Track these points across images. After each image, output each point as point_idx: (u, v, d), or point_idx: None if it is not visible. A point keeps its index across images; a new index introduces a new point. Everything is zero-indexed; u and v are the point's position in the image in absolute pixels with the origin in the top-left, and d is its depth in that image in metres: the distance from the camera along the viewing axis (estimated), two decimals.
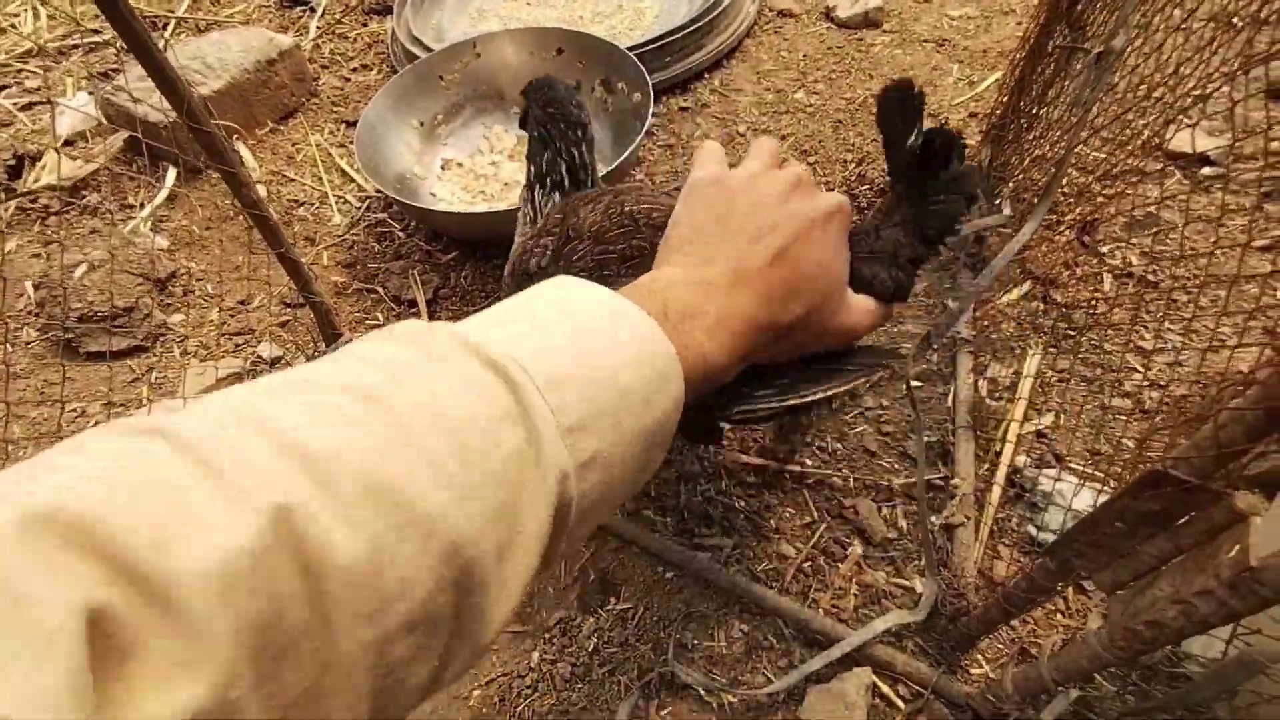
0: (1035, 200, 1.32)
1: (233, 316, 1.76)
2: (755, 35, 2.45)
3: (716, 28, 2.29)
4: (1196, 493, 0.59)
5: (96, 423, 1.52)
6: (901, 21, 2.44)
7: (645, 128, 1.73)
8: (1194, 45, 0.95)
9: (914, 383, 1.47)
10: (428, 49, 2.29)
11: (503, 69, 2.09)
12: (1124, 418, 1.32)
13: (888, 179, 0.92)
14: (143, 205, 2.00)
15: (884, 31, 2.39)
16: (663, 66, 2.18)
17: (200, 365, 1.62)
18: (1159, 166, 1.62)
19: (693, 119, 2.15)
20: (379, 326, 1.66)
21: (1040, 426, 1.33)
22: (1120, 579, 0.72)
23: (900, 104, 0.80)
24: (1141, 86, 1.11)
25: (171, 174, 2.07)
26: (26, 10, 2.71)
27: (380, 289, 1.76)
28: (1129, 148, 1.26)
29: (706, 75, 2.28)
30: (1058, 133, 1.34)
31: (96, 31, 2.68)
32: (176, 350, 1.68)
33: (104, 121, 2.14)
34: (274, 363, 1.64)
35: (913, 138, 0.81)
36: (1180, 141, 1.67)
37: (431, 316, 1.70)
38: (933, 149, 0.80)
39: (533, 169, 1.11)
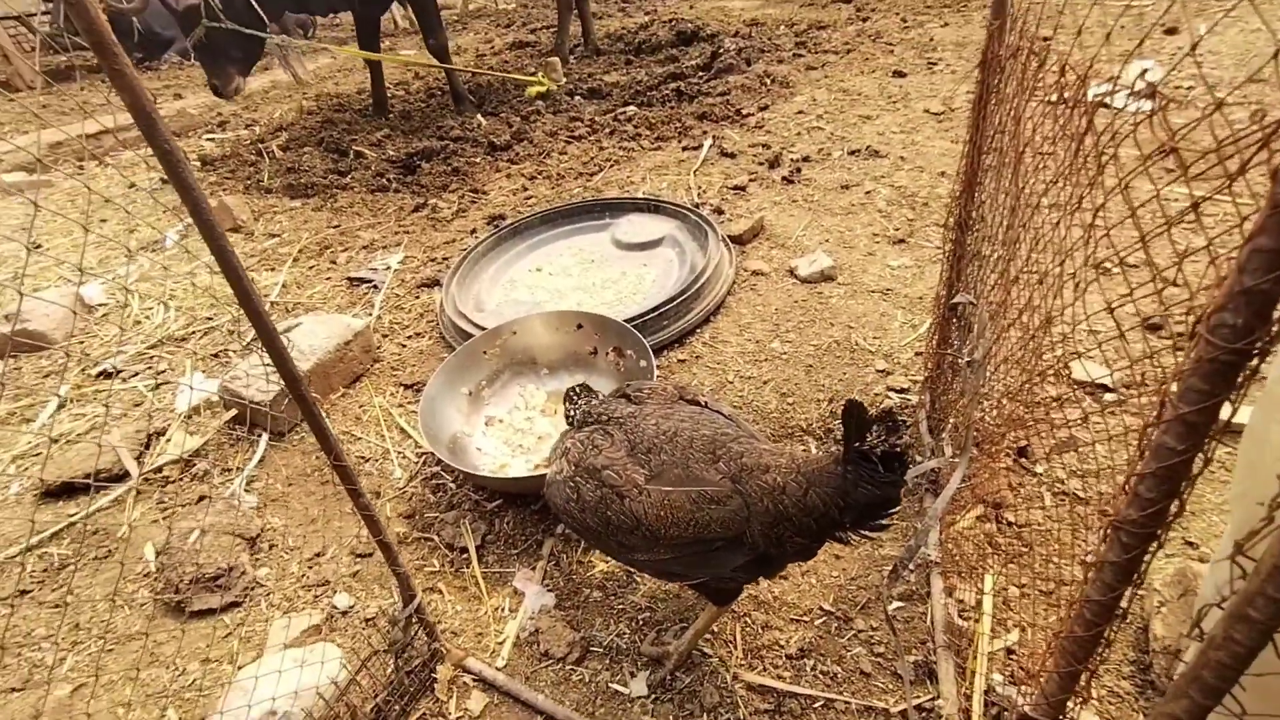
0: (966, 441, 1.67)
1: (310, 569, 2.06)
2: (735, 293, 3.04)
3: (703, 293, 2.87)
4: None
5: (194, 680, 1.75)
6: (852, 274, 3.04)
7: None
8: (1079, 290, 1.29)
9: (898, 603, 1.71)
10: (470, 319, 2.87)
11: (535, 342, 2.62)
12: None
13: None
14: (240, 469, 2.41)
15: (838, 284, 2.98)
16: (661, 328, 2.72)
17: (282, 619, 1.89)
18: (1069, 392, 2.01)
19: (689, 369, 2.63)
20: (436, 573, 1.96)
21: (1009, 643, 1.55)
22: None
23: (858, 418, 1.20)
24: (1040, 328, 1.50)
25: (264, 440, 2.51)
26: (158, 305, 3.40)
27: (436, 537, 2.08)
28: (1045, 375, 1.63)
29: (698, 331, 2.82)
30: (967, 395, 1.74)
31: (209, 319, 3.34)
32: (263, 603, 1.96)
33: (215, 399, 2.64)
34: (346, 612, 1.91)
35: (863, 442, 1.20)
36: (1082, 372, 2.09)
37: (479, 560, 2.00)
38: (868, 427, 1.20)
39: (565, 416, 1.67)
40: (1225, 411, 0.61)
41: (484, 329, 2.70)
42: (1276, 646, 0.60)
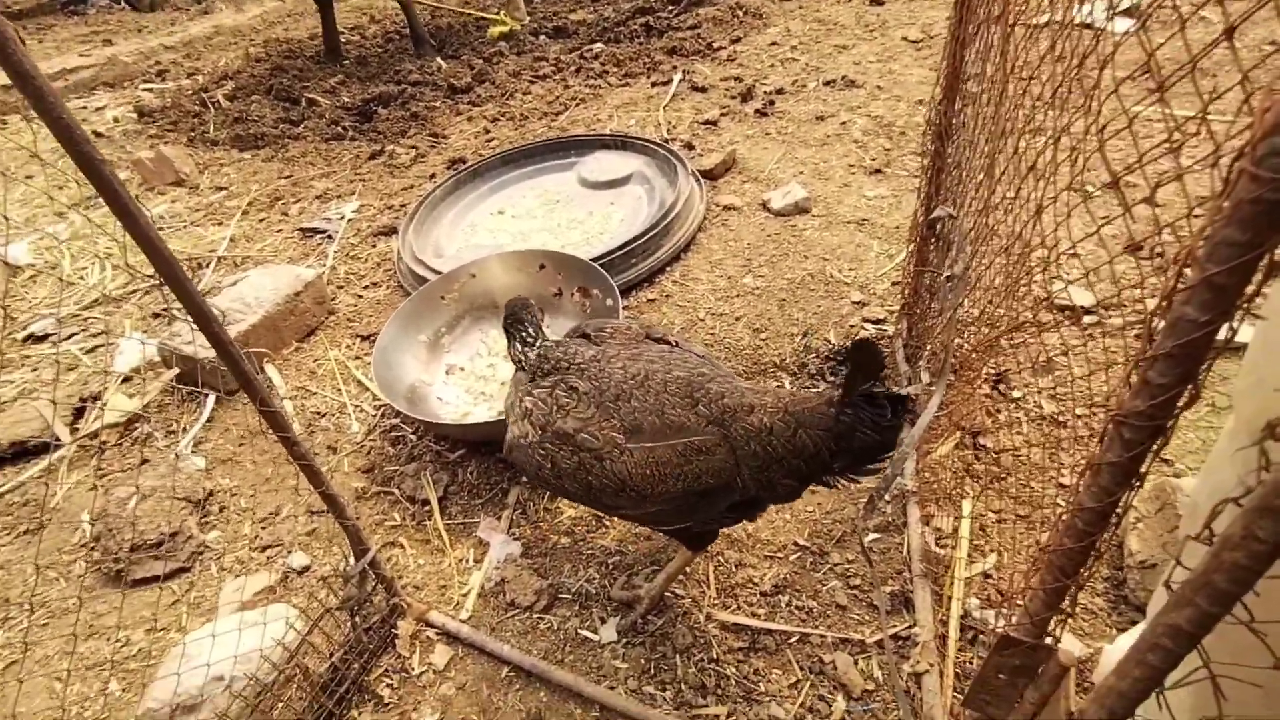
0: (944, 366, 1.59)
1: (264, 529, 1.95)
2: (706, 229, 2.90)
3: (672, 230, 2.73)
4: (1037, 649, 0.77)
5: (140, 650, 1.65)
6: (827, 206, 2.90)
7: None
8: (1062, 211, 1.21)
9: (874, 535, 1.65)
10: (428, 266, 2.71)
11: (495, 285, 2.47)
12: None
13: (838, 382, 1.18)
14: (185, 430, 2.27)
15: (813, 216, 2.85)
16: (629, 267, 2.58)
17: (235, 581, 1.79)
18: (1050, 319, 1.93)
19: (659, 308, 2.51)
20: (397, 527, 1.87)
21: (986, 568, 1.50)
22: None
23: (870, 358, 1.10)
24: (1025, 246, 1.40)
25: (211, 400, 2.37)
26: (94, 263, 3.18)
27: (396, 490, 1.98)
28: (1024, 301, 1.54)
29: (668, 269, 2.69)
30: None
31: (152, 277, 3.13)
32: (214, 567, 1.85)
33: (158, 359, 2.47)
34: (303, 571, 1.81)
35: (871, 385, 1.11)
36: (1063, 296, 2.00)
37: (442, 513, 1.90)
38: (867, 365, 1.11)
39: (510, 358, 1.50)
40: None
41: (443, 274, 2.55)
42: None
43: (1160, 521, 1.42)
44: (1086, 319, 1.99)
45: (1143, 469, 0.66)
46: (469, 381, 2.29)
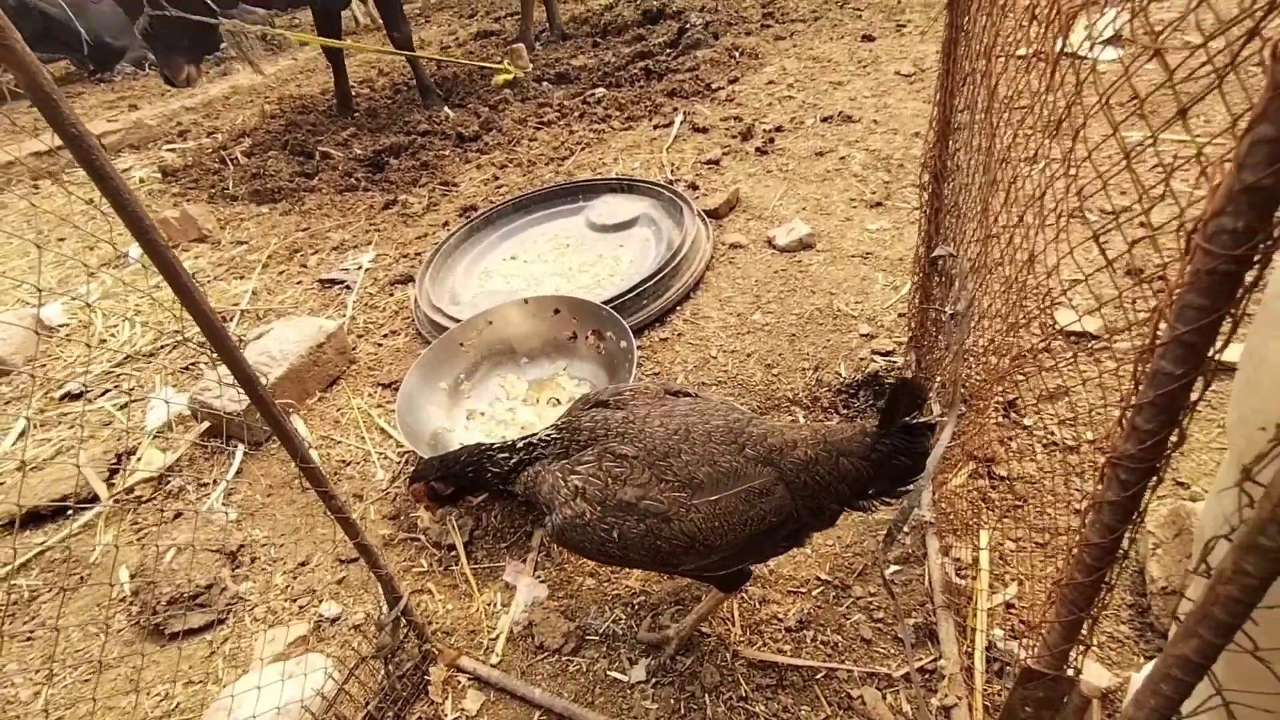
0: (954, 398, 1.64)
1: (295, 579, 2.00)
2: (714, 267, 2.98)
3: (681, 270, 2.81)
4: (1059, 681, 0.81)
5: (179, 705, 1.69)
6: (831, 241, 2.98)
7: (632, 369, 2.12)
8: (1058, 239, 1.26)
9: (894, 567, 1.68)
10: (446, 313, 2.79)
11: (512, 331, 2.55)
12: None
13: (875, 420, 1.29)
14: (216, 482, 2.34)
15: (817, 252, 2.93)
16: (640, 308, 2.65)
17: (270, 631, 1.83)
18: (1059, 345, 1.98)
19: (672, 347, 2.58)
20: (425, 573, 1.91)
21: (1007, 597, 1.52)
22: None
23: (910, 396, 1.20)
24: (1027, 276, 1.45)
25: (240, 452, 2.44)
26: (123, 322, 3.30)
27: (422, 536, 2.03)
28: (1030, 328, 1.58)
29: (678, 308, 2.76)
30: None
31: (178, 332, 3.24)
32: (248, 618, 1.90)
33: (187, 413, 2.55)
34: (335, 620, 1.85)
35: (912, 417, 1.21)
36: (1067, 321, 2.05)
37: (468, 557, 1.95)
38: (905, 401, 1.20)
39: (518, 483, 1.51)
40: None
41: (459, 320, 2.63)
42: None
43: (1179, 546, 1.45)
44: (1093, 344, 2.04)
45: (1142, 506, 0.70)
46: (489, 426, 2.35)
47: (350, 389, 2.74)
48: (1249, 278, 0.53)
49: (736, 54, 5.50)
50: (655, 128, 4.52)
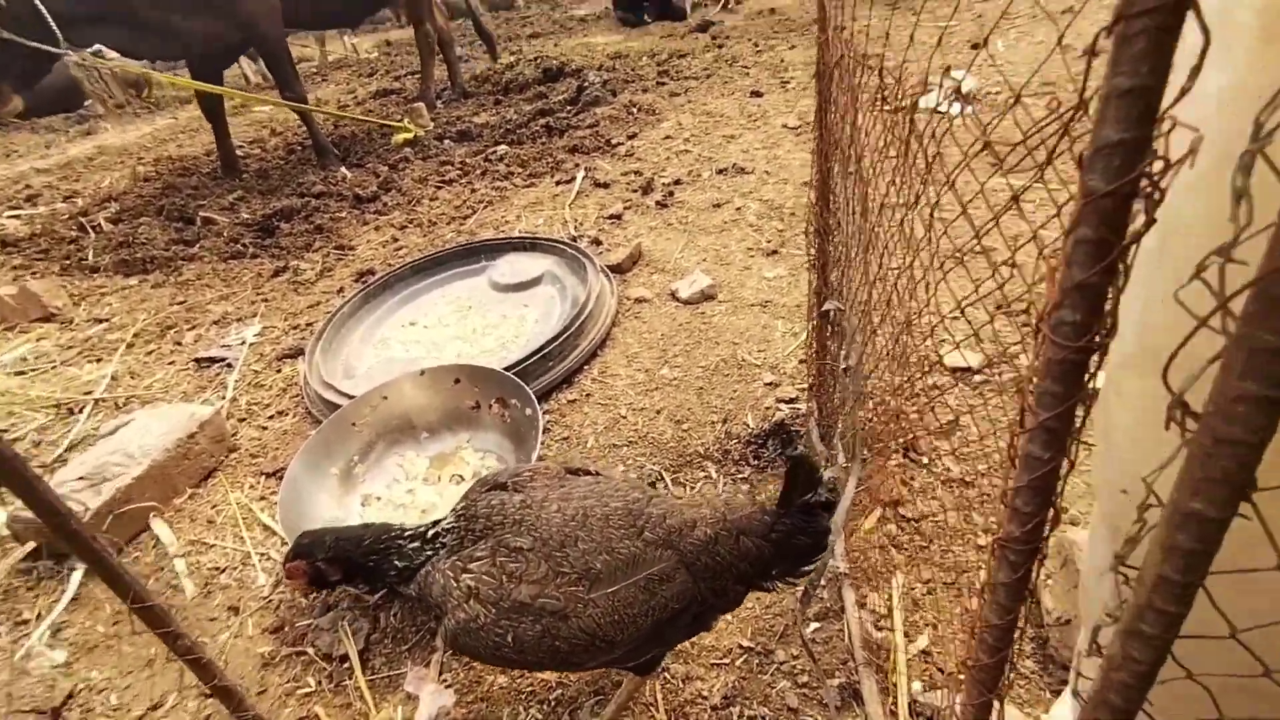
0: (854, 448, 1.65)
1: None
2: (620, 323, 2.96)
3: (586, 328, 2.77)
4: None
5: None
6: (731, 291, 3.04)
7: (539, 436, 2.02)
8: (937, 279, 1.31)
9: (814, 625, 1.64)
10: (337, 390, 2.60)
11: (409, 405, 2.39)
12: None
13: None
14: (41, 616, 1.99)
15: (719, 302, 2.97)
16: (545, 371, 2.58)
17: None
18: (944, 379, 2.06)
19: (580, 409, 2.50)
20: (312, 694, 1.69)
21: (924, 645, 1.51)
22: None
23: (807, 474, 1.18)
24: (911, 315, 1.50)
25: (78, 574, 2.10)
26: None
27: (310, 649, 1.80)
28: (915, 366, 1.64)
29: (585, 367, 2.70)
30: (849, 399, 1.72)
31: (5, 430, 2.84)
32: None
33: (5, 531, 2.18)
34: None
35: (809, 496, 1.19)
36: (953, 359, 2.15)
37: (364, 667, 1.74)
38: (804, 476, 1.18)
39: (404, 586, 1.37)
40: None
41: (353, 397, 2.45)
42: (1174, 658, 0.55)
43: (1066, 576, 1.49)
44: (975, 378, 2.15)
45: (1032, 583, 0.69)
46: (387, 511, 2.17)
47: (229, 481, 2.47)
48: (1092, 365, 0.53)
49: (634, 110, 5.67)
50: (557, 184, 4.54)
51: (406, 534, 1.38)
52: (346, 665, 1.75)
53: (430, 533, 1.35)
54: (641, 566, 1.22)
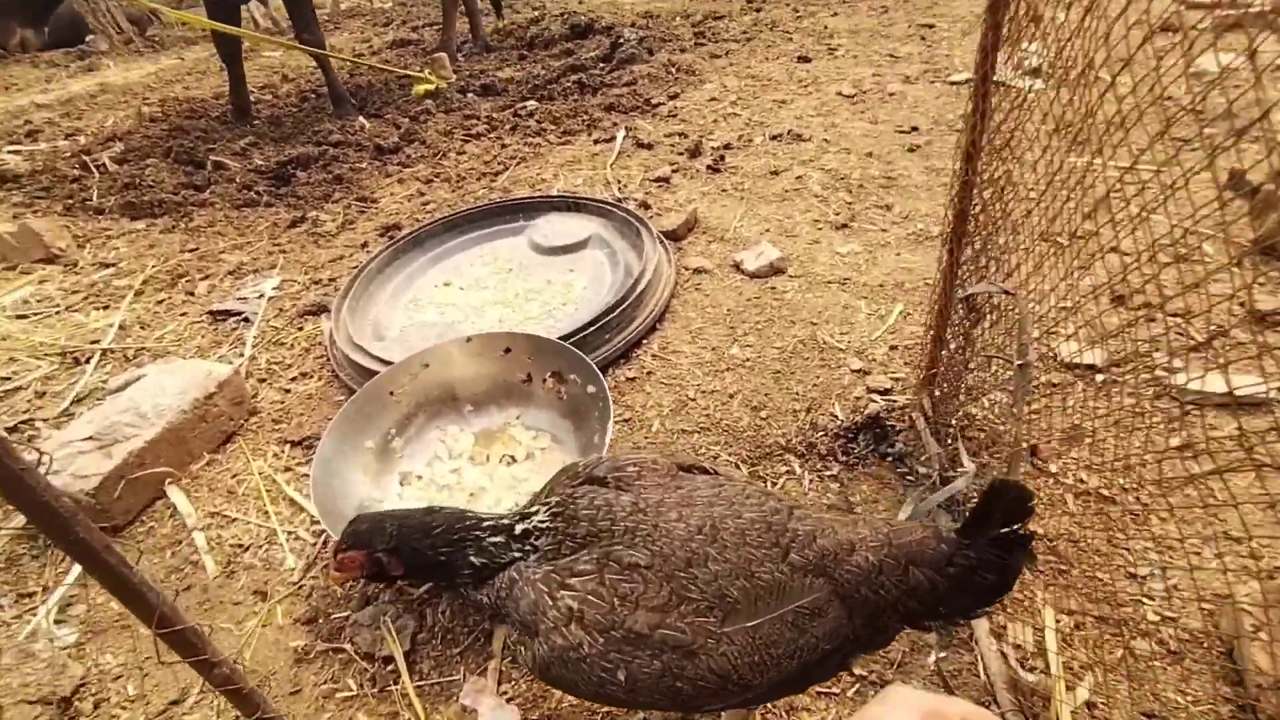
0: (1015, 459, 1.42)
1: None
2: (679, 295, 2.70)
3: (645, 299, 2.50)
4: None
5: None
6: (802, 265, 2.78)
7: (610, 421, 1.76)
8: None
9: (939, 654, 1.42)
10: (368, 352, 2.34)
11: (454, 375, 2.14)
12: (1157, 664, 1.31)
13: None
14: (48, 589, 1.77)
15: (790, 277, 2.71)
16: (603, 343, 2.32)
17: None
18: (1064, 376, 1.82)
19: (642, 388, 2.26)
20: (353, 699, 1.47)
21: (1087, 697, 1.29)
22: None
23: (1014, 504, 0.94)
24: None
25: None
26: None
27: (349, 646, 1.58)
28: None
29: (644, 342, 2.45)
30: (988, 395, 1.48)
31: (6, 378, 2.59)
32: None
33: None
34: None
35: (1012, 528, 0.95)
36: (1070, 353, 1.91)
37: (411, 671, 1.52)
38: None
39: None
40: None
41: (386, 361, 2.20)
42: None
43: None
44: (1098, 377, 1.90)
45: None
46: (430, 492, 1.93)
47: (249, 449, 2.23)
48: None
49: (674, 70, 5.32)
50: (595, 142, 4.23)
51: (485, 525, 1.13)
52: (391, 668, 1.53)
53: (519, 528, 1.11)
54: (788, 597, 0.98)
